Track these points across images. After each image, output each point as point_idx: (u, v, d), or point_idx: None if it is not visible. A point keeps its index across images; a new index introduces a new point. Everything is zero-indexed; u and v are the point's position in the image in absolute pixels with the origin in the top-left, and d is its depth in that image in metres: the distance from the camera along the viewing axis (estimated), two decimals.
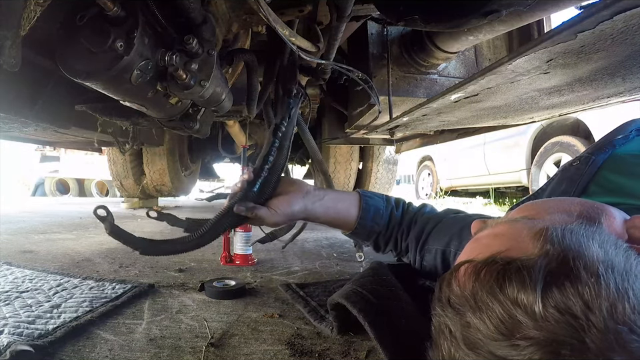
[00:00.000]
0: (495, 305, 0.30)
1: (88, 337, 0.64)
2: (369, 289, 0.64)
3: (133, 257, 1.31)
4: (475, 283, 0.33)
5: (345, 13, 0.86)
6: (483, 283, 0.32)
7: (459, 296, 0.34)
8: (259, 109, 1.13)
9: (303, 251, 1.50)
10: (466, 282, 0.34)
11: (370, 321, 0.57)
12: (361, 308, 0.59)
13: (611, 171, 0.62)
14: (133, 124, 1.34)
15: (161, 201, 3.81)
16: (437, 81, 1.36)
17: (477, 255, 0.37)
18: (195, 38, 0.70)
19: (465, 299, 0.33)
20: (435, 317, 0.36)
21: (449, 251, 0.72)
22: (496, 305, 0.30)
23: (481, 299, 0.31)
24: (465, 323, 0.32)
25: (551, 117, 1.42)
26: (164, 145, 2.84)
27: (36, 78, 1.01)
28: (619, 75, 0.77)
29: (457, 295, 0.34)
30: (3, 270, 1.02)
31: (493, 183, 4.88)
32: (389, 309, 0.61)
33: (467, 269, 0.35)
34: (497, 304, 0.30)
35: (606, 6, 0.47)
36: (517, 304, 0.29)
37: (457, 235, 0.72)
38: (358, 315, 0.58)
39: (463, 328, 0.32)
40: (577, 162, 0.67)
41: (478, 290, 0.32)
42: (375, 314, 0.58)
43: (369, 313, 0.58)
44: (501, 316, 0.29)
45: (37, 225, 2.15)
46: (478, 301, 0.32)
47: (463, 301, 0.33)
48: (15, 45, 0.45)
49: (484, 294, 0.31)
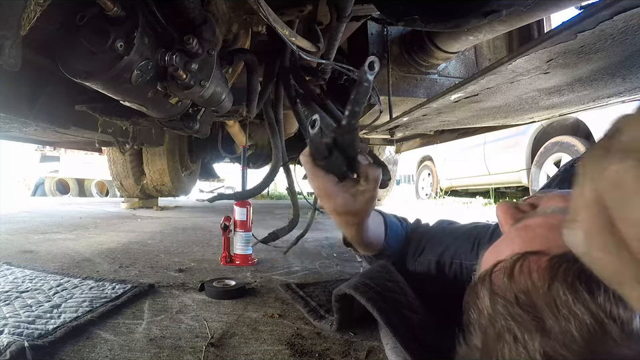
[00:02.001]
0: (585, 313, 0.25)
1: (88, 337, 0.64)
2: (377, 282, 0.64)
3: (133, 256, 1.31)
4: (554, 281, 0.27)
5: (345, 12, 0.86)
6: (565, 284, 0.27)
7: (530, 294, 0.28)
8: (259, 108, 1.13)
9: (302, 251, 1.50)
10: (539, 278, 0.28)
11: (379, 308, 0.56)
12: (369, 297, 0.59)
13: None
14: (133, 124, 1.35)
15: (161, 201, 3.81)
16: (436, 81, 1.36)
17: (538, 246, 0.32)
18: (195, 38, 0.70)
19: (542, 299, 0.27)
20: (484, 315, 0.31)
21: (442, 261, 0.71)
22: (586, 315, 0.25)
23: (565, 304, 0.26)
24: (543, 331, 0.26)
25: (551, 117, 1.42)
26: (164, 145, 2.84)
27: (36, 78, 1.01)
28: (618, 75, 0.77)
29: (527, 293, 0.28)
30: (3, 270, 1.02)
31: (493, 182, 4.88)
32: (397, 301, 0.60)
33: (539, 263, 0.29)
34: (587, 313, 0.25)
35: (606, 6, 0.47)
36: (611, 317, 0.25)
37: (450, 244, 0.71)
38: (367, 304, 0.58)
39: (543, 338, 0.26)
40: (578, 162, 0.67)
41: (560, 291, 0.27)
42: (384, 302, 0.58)
43: (378, 301, 0.58)
44: (592, 328, 0.25)
45: (37, 224, 2.15)
46: (561, 306, 0.26)
47: (539, 303, 0.27)
48: (15, 44, 0.45)
49: (568, 298, 0.26)
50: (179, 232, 1.96)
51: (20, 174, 7.69)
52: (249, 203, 1.28)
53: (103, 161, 4.57)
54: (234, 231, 1.25)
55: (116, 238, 1.71)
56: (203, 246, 1.56)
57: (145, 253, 1.38)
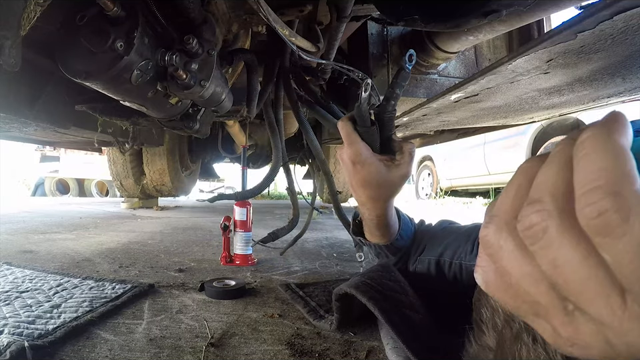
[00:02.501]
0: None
1: (88, 337, 0.64)
2: (378, 282, 0.64)
3: (133, 256, 1.31)
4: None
5: (345, 13, 0.86)
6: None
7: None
8: (259, 109, 1.13)
9: (302, 250, 1.50)
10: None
11: (380, 308, 0.56)
12: (370, 296, 0.59)
13: None
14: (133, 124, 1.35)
15: (161, 200, 3.81)
16: (436, 81, 1.36)
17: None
18: (195, 38, 0.70)
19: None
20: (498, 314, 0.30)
21: (443, 260, 0.71)
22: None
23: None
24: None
25: (550, 117, 1.42)
26: (164, 145, 2.84)
27: (36, 78, 1.01)
28: (618, 75, 0.77)
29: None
30: (3, 270, 1.02)
31: (493, 182, 4.88)
32: (398, 300, 0.60)
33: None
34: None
35: (606, 6, 0.47)
36: None
37: (450, 244, 0.71)
38: (368, 303, 0.58)
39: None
40: None
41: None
42: (385, 302, 0.58)
43: (379, 300, 0.58)
44: None
45: (37, 224, 2.15)
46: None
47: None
48: (15, 44, 0.45)
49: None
50: (178, 232, 1.96)
51: (20, 174, 7.69)
52: (249, 203, 1.28)
53: (103, 160, 4.57)
54: (234, 231, 1.25)
55: (116, 238, 1.71)
56: (202, 246, 1.56)
57: (145, 253, 1.38)
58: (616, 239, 0.16)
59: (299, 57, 0.84)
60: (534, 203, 0.19)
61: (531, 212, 0.18)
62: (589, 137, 0.17)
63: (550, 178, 0.19)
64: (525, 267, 0.19)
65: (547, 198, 0.18)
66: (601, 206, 0.16)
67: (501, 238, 0.20)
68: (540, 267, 0.18)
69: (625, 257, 0.16)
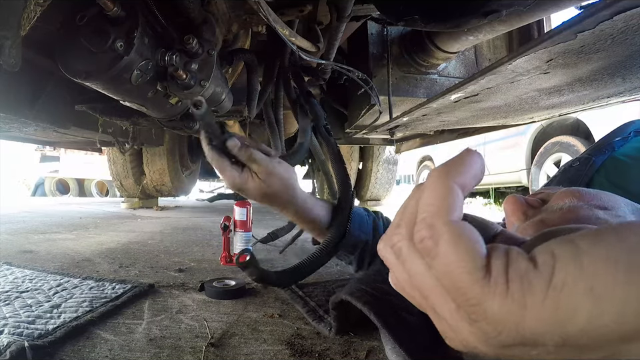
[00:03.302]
0: None
1: (88, 337, 0.64)
2: (373, 286, 0.64)
3: (133, 256, 1.31)
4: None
5: (345, 13, 0.86)
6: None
7: None
8: (259, 109, 1.13)
9: (302, 251, 1.50)
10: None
11: (376, 311, 0.56)
12: (366, 301, 0.59)
13: (607, 174, 0.62)
14: (133, 124, 1.35)
15: (161, 200, 3.81)
16: (436, 81, 1.36)
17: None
18: (195, 38, 0.70)
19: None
20: None
21: None
22: None
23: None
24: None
25: (550, 117, 1.42)
26: (164, 145, 2.84)
27: (36, 78, 1.01)
28: (618, 75, 0.77)
29: None
30: (3, 270, 1.02)
31: (493, 182, 4.88)
32: (393, 303, 0.60)
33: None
34: None
35: (606, 6, 0.47)
36: None
37: None
38: (363, 308, 0.58)
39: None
40: (577, 163, 0.67)
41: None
42: (380, 306, 0.58)
43: (374, 304, 0.58)
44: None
45: (37, 224, 2.15)
46: None
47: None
48: (15, 44, 0.45)
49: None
50: (178, 232, 1.96)
51: (20, 174, 7.69)
52: (249, 202, 1.28)
53: (103, 161, 4.57)
54: (234, 231, 1.25)
55: (116, 238, 1.71)
56: (202, 246, 1.56)
57: (144, 252, 1.38)
58: (433, 259, 0.20)
59: (299, 57, 0.84)
60: (397, 227, 0.24)
61: (394, 234, 0.23)
62: (430, 176, 0.22)
63: (408, 208, 0.23)
64: (400, 274, 0.23)
65: (403, 224, 0.23)
66: (422, 234, 0.21)
67: (386, 251, 0.24)
68: (409, 275, 0.23)
69: (442, 270, 0.20)
